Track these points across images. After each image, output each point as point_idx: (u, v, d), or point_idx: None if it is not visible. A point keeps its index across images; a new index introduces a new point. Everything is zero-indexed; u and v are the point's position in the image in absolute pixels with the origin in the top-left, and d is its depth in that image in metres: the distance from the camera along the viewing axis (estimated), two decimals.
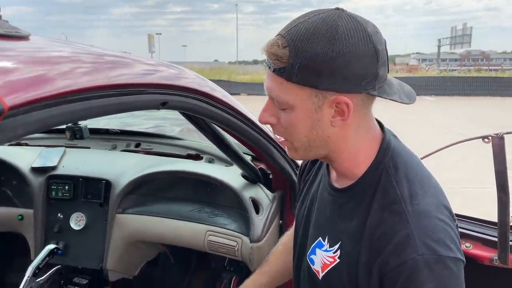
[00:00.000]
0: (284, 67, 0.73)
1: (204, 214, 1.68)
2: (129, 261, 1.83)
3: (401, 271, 0.72)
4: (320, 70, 0.72)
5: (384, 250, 0.74)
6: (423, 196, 0.78)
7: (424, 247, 0.72)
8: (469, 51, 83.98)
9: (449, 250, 0.73)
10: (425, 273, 0.71)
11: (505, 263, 1.28)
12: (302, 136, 0.80)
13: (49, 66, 0.59)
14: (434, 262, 0.71)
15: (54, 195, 1.81)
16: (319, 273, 0.88)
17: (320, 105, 0.76)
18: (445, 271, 0.72)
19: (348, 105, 0.75)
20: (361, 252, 0.79)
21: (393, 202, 0.77)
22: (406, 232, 0.73)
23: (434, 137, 9.79)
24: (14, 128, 0.50)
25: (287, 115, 0.78)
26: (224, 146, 1.43)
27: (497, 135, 1.25)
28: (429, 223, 0.75)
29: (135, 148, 2.07)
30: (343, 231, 0.84)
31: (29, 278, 1.44)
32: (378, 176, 0.81)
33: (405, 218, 0.75)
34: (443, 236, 0.74)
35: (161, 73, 0.90)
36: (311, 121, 0.77)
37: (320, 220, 0.92)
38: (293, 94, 0.75)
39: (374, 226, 0.78)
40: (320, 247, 0.89)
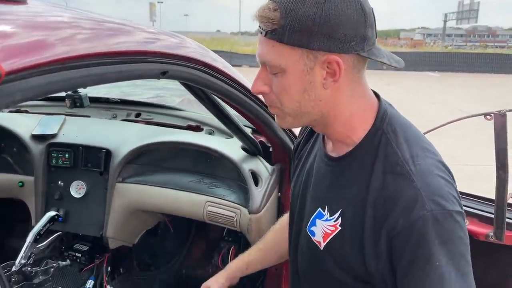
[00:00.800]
0: (276, 29, 0.74)
1: (203, 185, 1.69)
2: (129, 229, 1.85)
3: (412, 229, 0.73)
4: (310, 30, 0.73)
5: (392, 212, 0.76)
6: (424, 157, 0.80)
7: (432, 203, 0.74)
8: (475, 26, 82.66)
9: (454, 205, 0.76)
10: (434, 228, 0.73)
11: (500, 240, 1.30)
12: (294, 101, 0.80)
13: (47, 32, 0.58)
14: (443, 217, 0.74)
15: (55, 163, 1.82)
16: (320, 244, 0.88)
17: (312, 66, 0.77)
18: (454, 225, 0.75)
19: (339, 64, 0.76)
20: (366, 218, 0.79)
21: (395, 164, 0.79)
22: (413, 191, 0.75)
23: (436, 114, 9.77)
24: (12, 93, 0.50)
25: (279, 80, 0.79)
26: (224, 118, 1.42)
27: (499, 112, 1.24)
28: (433, 180, 0.77)
29: (136, 118, 2.07)
30: (344, 198, 0.84)
31: (30, 244, 1.46)
32: (377, 141, 0.82)
33: (410, 178, 0.76)
34: (447, 192, 0.77)
35: (162, 42, 0.88)
36: (303, 84, 0.78)
37: (318, 192, 0.93)
38: (285, 56, 0.76)
39: (377, 190, 0.79)
40: (321, 217, 0.89)
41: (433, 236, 0.73)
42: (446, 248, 0.73)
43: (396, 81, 16.06)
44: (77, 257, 1.80)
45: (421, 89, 14.26)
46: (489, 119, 1.26)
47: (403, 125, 0.85)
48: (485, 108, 4.15)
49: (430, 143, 0.86)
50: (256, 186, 1.57)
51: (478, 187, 1.98)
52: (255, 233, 1.55)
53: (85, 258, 1.80)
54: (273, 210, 1.61)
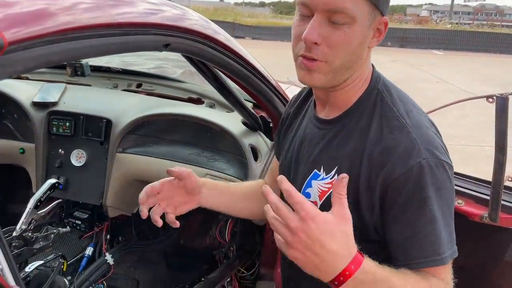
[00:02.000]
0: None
1: (203, 158, 1.70)
2: (128, 199, 1.87)
3: (409, 175, 0.78)
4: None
5: (388, 162, 0.79)
6: (417, 113, 0.86)
7: (427, 152, 0.78)
8: (483, 4, 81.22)
9: (446, 156, 0.81)
10: (429, 175, 0.78)
11: (494, 221, 1.31)
12: (349, 54, 0.81)
13: (49, 1, 0.57)
14: (436, 166, 0.78)
15: (55, 130, 1.82)
16: (316, 203, 0.90)
17: (371, 23, 0.81)
18: (444, 174, 0.80)
19: (386, 24, 0.83)
20: (361, 170, 0.83)
21: (391, 119, 0.83)
22: (410, 141, 0.79)
23: (439, 92, 9.71)
24: (14, 63, 0.50)
25: (344, 31, 0.78)
26: (225, 92, 1.42)
27: (501, 95, 1.24)
28: (427, 132, 0.82)
29: (137, 88, 2.06)
30: (340, 156, 0.87)
31: (30, 210, 1.47)
32: (374, 99, 0.87)
33: (406, 130, 0.81)
34: (440, 144, 0.82)
35: (165, 13, 0.87)
36: (363, 37, 0.81)
37: (312, 155, 0.94)
38: (360, 8, 0.78)
39: (374, 143, 0.82)
40: (316, 178, 0.91)
41: (428, 181, 0.77)
42: (439, 194, 0.78)
43: (401, 58, 15.90)
44: (77, 224, 1.83)
45: (425, 67, 14.13)
46: (491, 102, 1.26)
47: (394, 86, 0.91)
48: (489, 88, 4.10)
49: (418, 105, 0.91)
50: (256, 161, 1.57)
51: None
52: None
53: (84, 225, 1.83)
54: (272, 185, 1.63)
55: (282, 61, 3.56)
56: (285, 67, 4.05)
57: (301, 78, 0.85)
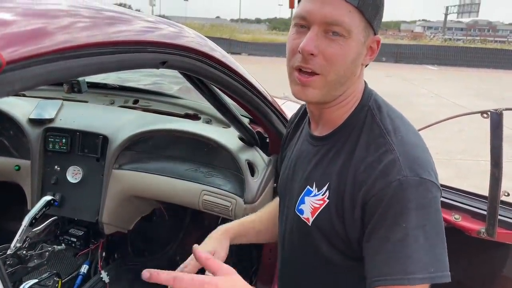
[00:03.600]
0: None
1: (200, 173, 1.69)
2: (124, 215, 1.86)
3: (386, 192, 0.76)
4: (378, 8, 0.82)
5: (370, 178, 0.79)
6: (406, 131, 0.85)
7: (409, 169, 0.77)
8: (476, 20, 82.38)
9: (431, 176, 0.79)
10: (408, 192, 0.75)
11: (491, 236, 1.31)
12: (343, 68, 0.82)
13: (47, 20, 0.58)
14: (417, 184, 0.76)
15: (51, 147, 1.82)
16: (308, 220, 0.90)
17: (365, 41, 0.83)
18: (428, 193, 0.77)
19: (379, 43, 0.86)
20: (346, 187, 0.83)
21: (378, 136, 0.83)
22: (392, 157, 0.79)
23: (433, 107, 9.77)
24: (12, 82, 0.50)
25: (338, 44, 0.80)
26: (222, 108, 1.42)
27: (496, 111, 1.25)
28: (412, 150, 0.81)
29: (133, 104, 2.06)
30: (331, 172, 0.87)
31: (25, 228, 1.46)
32: (363, 117, 0.87)
33: (390, 147, 0.80)
34: (425, 163, 0.80)
35: (161, 31, 0.88)
36: (357, 53, 0.82)
37: (306, 172, 0.95)
38: (356, 23, 0.80)
39: (359, 160, 0.82)
40: (309, 194, 0.91)
41: (405, 199, 0.75)
42: (417, 214, 0.75)
43: (395, 73, 16.03)
44: (72, 242, 1.81)
45: (420, 82, 14.25)
46: (486, 117, 1.27)
47: (385, 103, 0.91)
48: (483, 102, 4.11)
49: (409, 122, 0.90)
50: (252, 177, 1.57)
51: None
52: None
53: (80, 243, 1.81)
54: (269, 201, 1.62)
55: (278, 77, 3.57)
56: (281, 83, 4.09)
57: (296, 93, 0.86)
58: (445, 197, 1.44)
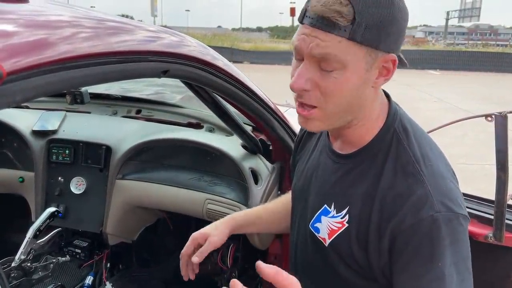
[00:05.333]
0: (348, 25, 0.70)
1: (203, 182, 1.69)
2: (128, 226, 1.86)
3: (419, 227, 0.74)
4: (381, 30, 0.72)
5: (400, 210, 0.76)
6: (434, 158, 0.81)
7: (441, 205, 0.75)
8: (477, 25, 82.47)
9: (461, 209, 0.77)
10: (443, 229, 0.73)
11: (499, 241, 1.30)
12: (343, 100, 0.76)
13: (48, 31, 0.58)
14: (451, 219, 0.75)
15: (55, 158, 1.82)
16: (325, 241, 0.88)
17: (371, 65, 0.75)
18: (460, 228, 0.76)
19: (395, 63, 0.76)
20: (372, 215, 0.79)
21: (406, 163, 0.79)
22: (424, 191, 0.76)
23: (437, 111, 9.75)
24: (13, 93, 0.50)
25: (333, 78, 0.74)
26: (224, 116, 1.42)
27: (500, 114, 1.24)
28: (443, 182, 0.78)
29: (136, 114, 2.07)
30: (352, 195, 0.84)
31: (29, 240, 1.46)
32: (389, 140, 0.82)
33: (421, 178, 0.77)
34: (456, 195, 0.78)
35: (163, 41, 0.88)
36: (360, 82, 0.75)
37: (323, 188, 0.91)
38: (350, 53, 0.72)
39: (387, 188, 0.79)
40: (326, 214, 0.88)
41: (439, 236, 0.73)
42: (451, 251, 0.74)
43: (398, 78, 16.04)
44: (76, 253, 1.81)
45: (422, 87, 14.24)
46: (490, 121, 1.26)
47: (412, 124, 0.86)
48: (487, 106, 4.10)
49: (435, 144, 0.87)
50: (256, 184, 1.57)
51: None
52: None
53: (84, 254, 1.81)
54: None
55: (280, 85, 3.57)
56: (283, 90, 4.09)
57: (300, 124, 0.84)
58: None
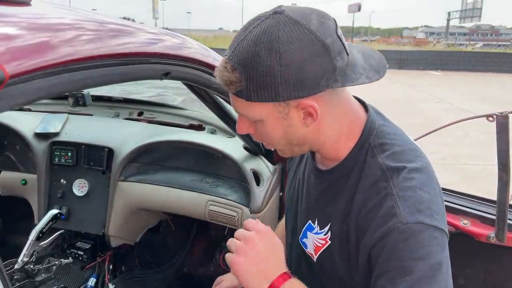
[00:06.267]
0: (240, 90, 0.73)
1: (205, 184, 1.69)
2: (131, 227, 1.86)
3: (386, 242, 0.72)
4: (273, 84, 0.70)
5: (370, 225, 0.75)
6: (409, 171, 0.77)
7: (409, 216, 0.72)
8: (478, 25, 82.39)
9: (434, 220, 0.73)
10: (410, 241, 0.71)
11: (501, 241, 1.29)
12: (280, 140, 0.81)
13: (51, 34, 0.58)
14: (419, 231, 0.71)
15: (57, 161, 1.82)
16: (313, 256, 0.89)
17: (287, 112, 0.75)
18: (431, 241, 0.72)
19: (313, 107, 0.74)
20: (349, 231, 0.79)
21: (378, 180, 0.77)
22: (391, 204, 0.74)
23: (438, 112, 9.74)
24: (15, 96, 0.50)
25: (260, 127, 0.80)
26: (226, 117, 1.42)
27: (501, 114, 1.24)
28: (414, 194, 0.74)
29: (138, 116, 2.07)
30: (332, 212, 0.84)
31: (32, 242, 1.46)
32: (364, 155, 0.81)
33: (390, 192, 0.75)
34: (428, 206, 0.74)
35: (164, 43, 0.88)
36: (283, 128, 0.78)
37: (308, 202, 0.93)
38: (258, 110, 0.76)
39: (360, 204, 0.78)
40: (311, 230, 0.90)
41: (406, 249, 0.71)
42: (419, 262, 0.70)
43: (400, 79, 16.02)
44: (79, 255, 1.81)
45: (424, 87, 14.23)
46: (491, 121, 1.26)
47: (391, 136, 0.83)
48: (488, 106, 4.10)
49: (420, 153, 0.83)
50: (258, 186, 1.57)
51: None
52: None
53: (87, 256, 1.81)
54: (275, 210, 1.61)
55: None
56: None
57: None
58: (453, 202, 1.43)
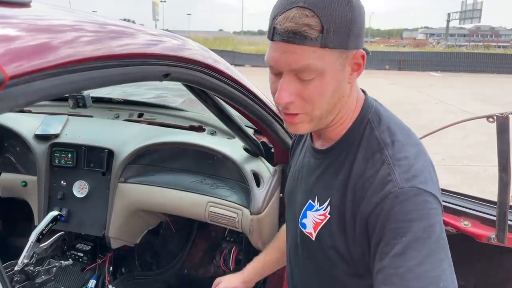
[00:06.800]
0: (318, 35, 0.73)
1: (205, 185, 1.69)
2: (131, 229, 1.86)
3: (382, 206, 0.74)
4: (347, 32, 0.75)
5: (366, 193, 0.77)
6: (404, 144, 0.81)
7: (404, 181, 0.74)
8: (478, 26, 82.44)
9: (427, 186, 0.75)
10: (406, 204, 0.73)
11: (502, 242, 1.29)
12: (327, 102, 0.79)
13: (51, 35, 0.58)
14: (413, 194, 0.73)
15: (57, 162, 1.82)
16: (312, 235, 0.89)
17: (345, 64, 0.78)
18: (425, 204, 0.73)
19: (364, 56, 0.80)
20: (346, 204, 0.81)
21: (375, 151, 0.81)
22: (387, 171, 0.76)
23: (438, 113, 9.74)
24: (15, 97, 0.50)
25: (314, 84, 0.77)
26: (226, 119, 1.42)
27: (502, 114, 1.24)
28: (409, 163, 0.78)
29: (138, 118, 2.07)
30: (332, 187, 0.86)
31: (32, 243, 1.46)
32: (362, 130, 0.85)
33: (387, 161, 0.78)
34: (423, 174, 0.77)
35: (164, 44, 0.88)
36: (338, 83, 0.79)
37: (308, 185, 0.94)
38: (325, 60, 0.75)
39: (357, 176, 0.80)
40: (311, 209, 0.91)
41: (401, 212, 0.72)
42: (416, 224, 0.71)
43: (400, 81, 16.02)
44: (79, 257, 1.81)
45: (424, 89, 14.23)
46: (492, 122, 1.25)
47: (388, 115, 0.88)
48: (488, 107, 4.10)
49: (413, 133, 0.87)
50: (258, 187, 1.57)
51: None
52: (257, 233, 1.56)
53: (87, 257, 1.81)
54: (275, 211, 1.61)
55: None
56: None
57: (287, 128, 0.86)
58: (454, 203, 1.43)
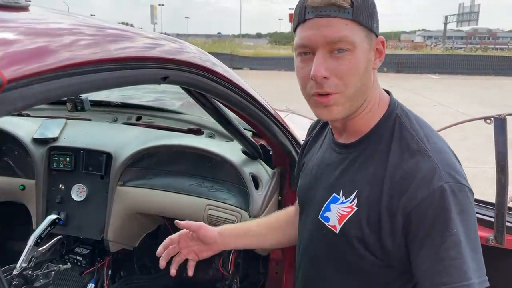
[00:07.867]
0: (350, 8, 0.79)
1: (204, 188, 1.69)
2: (130, 232, 1.86)
3: (431, 200, 0.77)
4: (372, 13, 0.82)
5: (409, 186, 0.79)
6: (436, 138, 0.86)
7: (448, 176, 0.78)
8: (475, 28, 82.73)
9: (466, 182, 0.81)
10: (451, 198, 0.77)
11: (500, 244, 1.30)
12: (358, 79, 0.82)
13: (49, 39, 0.58)
14: (458, 189, 0.78)
15: (56, 166, 1.82)
16: (336, 228, 0.90)
17: (370, 46, 0.83)
18: (466, 199, 0.79)
19: (384, 43, 0.86)
20: (382, 196, 0.82)
21: (411, 143, 0.83)
22: (431, 165, 0.79)
23: (437, 115, 9.76)
24: (13, 101, 0.50)
25: (347, 59, 0.80)
26: (224, 122, 1.42)
27: (499, 116, 1.25)
28: (447, 157, 0.82)
29: (136, 121, 2.07)
30: (360, 180, 0.87)
31: (31, 247, 1.46)
32: (392, 123, 0.88)
33: (426, 153, 0.81)
34: (460, 169, 0.82)
35: (163, 47, 0.88)
36: (367, 61, 0.83)
37: (330, 180, 0.94)
38: (356, 34, 0.80)
39: (394, 168, 0.82)
40: (336, 202, 0.91)
41: (451, 205, 0.76)
42: (462, 218, 0.77)
43: (398, 83, 16.07)
44: (77, 261, 1.80)
45: (422, 91, 14.27)
46: (489, 123, 1.26)
47: (412, 112, 0.92)
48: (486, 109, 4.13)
49: (436, 131, 0.91)
50: (257, 190, 1.57)
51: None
52: None
53: (85, 261, 1.81)
54: None
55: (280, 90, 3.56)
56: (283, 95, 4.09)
57: (320, 115, 0.87)
58: None
